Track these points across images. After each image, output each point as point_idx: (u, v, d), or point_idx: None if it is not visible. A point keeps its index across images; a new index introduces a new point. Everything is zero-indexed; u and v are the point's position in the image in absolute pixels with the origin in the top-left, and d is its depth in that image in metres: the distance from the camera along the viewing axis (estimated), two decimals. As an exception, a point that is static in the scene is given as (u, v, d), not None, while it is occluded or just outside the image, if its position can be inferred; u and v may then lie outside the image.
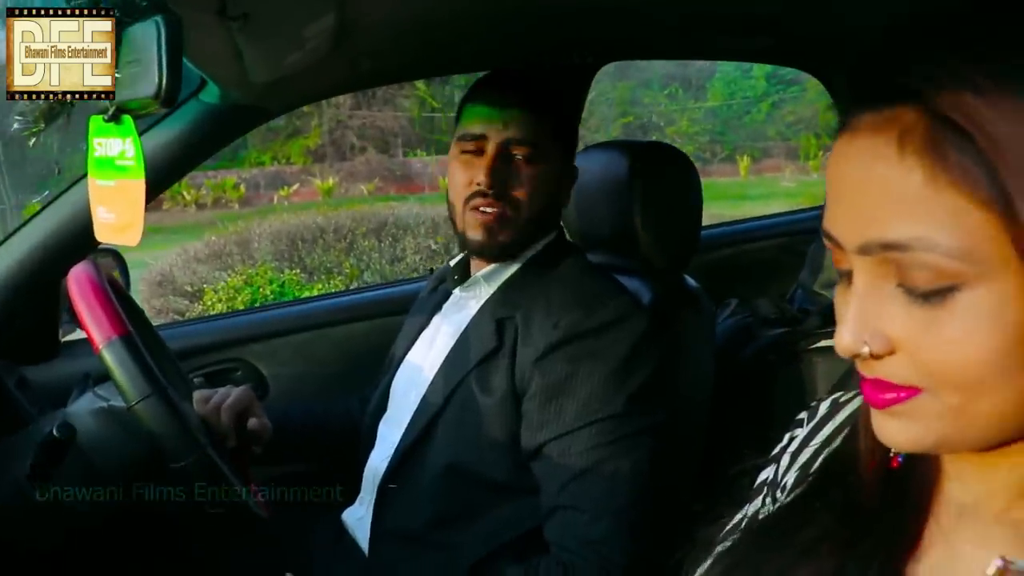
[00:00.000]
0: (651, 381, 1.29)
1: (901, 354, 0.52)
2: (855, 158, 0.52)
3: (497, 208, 1.34)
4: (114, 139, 0.87)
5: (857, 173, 0.52)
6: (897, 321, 0.52)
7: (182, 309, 6.75)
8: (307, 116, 17.54)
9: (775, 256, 2.46)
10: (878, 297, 0.53)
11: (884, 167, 0.50)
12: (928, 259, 0.49)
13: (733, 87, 21.65)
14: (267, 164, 18.13)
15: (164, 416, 1.12)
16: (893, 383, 0.53)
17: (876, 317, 0.53)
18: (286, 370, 1.91)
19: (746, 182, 17.96)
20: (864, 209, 0.51)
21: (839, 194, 0.53)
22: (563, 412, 1.26)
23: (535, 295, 1.35)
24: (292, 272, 7.25)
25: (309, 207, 11.34)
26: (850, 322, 0.53)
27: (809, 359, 1.61)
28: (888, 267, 0.52)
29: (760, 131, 21.46)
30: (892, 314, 0.52)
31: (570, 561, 1.21)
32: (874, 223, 0.51)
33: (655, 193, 1.51)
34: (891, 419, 0.55)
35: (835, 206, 0.54)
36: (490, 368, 1.33)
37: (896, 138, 0.50)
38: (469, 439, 1.33)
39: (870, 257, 0.52)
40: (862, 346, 0.53)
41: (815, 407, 0.77)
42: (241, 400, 1.37)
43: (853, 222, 0.52)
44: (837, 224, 0.54)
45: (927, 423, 0.53)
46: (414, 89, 18.27)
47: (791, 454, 0.75)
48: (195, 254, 7.54)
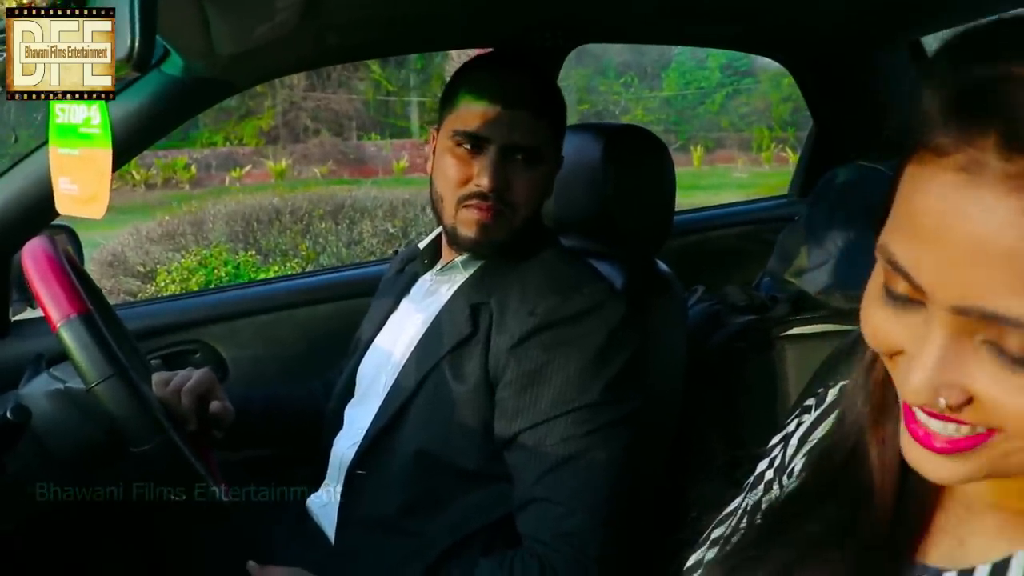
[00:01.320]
0: (627, 369, 1.28)
1: (977, 405, 0.48)
2: (974, 210, 0.45)
3: (495, 209, 1.30)
4: (78, 105, 0.83)
5: (973, 229, 0.45)
6: (980, 377, 0.47)
7: (134, 290, 6.62)
8: (260, 97, 17.29)
9: (740, 244, 2.47)
10: (960, 349, 0.48)
11: (1015, 236, 0.43)
12: None
13: (688, 77, 21.77)
14: (219, 145, 17.84)
15: (125, 398, 1.08)
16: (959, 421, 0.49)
17: (956, 369, 0.48)
18: (246, 352, 1.86)
19: (699, 172, 18.07)
20: (973, 272, 0.45)
21: (936, 239, 0.46)
22: (538, 401, 1.24)
23: (511, 281, 1.33)
24: (247, 254, 7.15)
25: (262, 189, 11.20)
26: (928, 372, 0.48)
27: (780, 346, 1.61)
28: (980, 327, 0.47)
29: (714, 122, 21.62)
30: (975, 369, 0.47)
31: (544, 554, 1.19)
32: (983, 290, 0.45)
33: (629, 177, 1.49)
34: (944, 461, 0.51)
35: (926, 250, 0.47)
36: (464, 354, 1.31)
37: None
38: (440, 426, 1.30)
39: (964, 318, 0.47)
40: (937, 398, 0.48)
41: (822, 394, 0.76)
42: (202, 383, 1.33)
43: (952, 279, 0.46)
44: (925, 270, 0.47)
45: (986, 461, 0.50)
46: (369, 72, 18.12)
47: (799, 439, 0.74)
48: (148, 234, 7.39)
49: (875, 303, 0.53)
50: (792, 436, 0.75)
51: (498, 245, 1.33)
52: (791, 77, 2.43)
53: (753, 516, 0.74)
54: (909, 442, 0.53)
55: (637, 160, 1.52)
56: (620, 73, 21.69)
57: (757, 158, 19.32)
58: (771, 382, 1.60)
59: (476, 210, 1.30)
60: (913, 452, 0.53)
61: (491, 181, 1.28)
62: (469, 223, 1.31)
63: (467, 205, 1.31)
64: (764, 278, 1.89)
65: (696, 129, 21.52)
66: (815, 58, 2.30)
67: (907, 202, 0.49)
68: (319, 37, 1.46)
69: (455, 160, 1.31)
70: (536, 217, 1.39)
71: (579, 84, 20.39)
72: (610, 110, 20.92)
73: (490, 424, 1.28)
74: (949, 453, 0.50)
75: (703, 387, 1.67)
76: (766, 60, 2.36)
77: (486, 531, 1.29)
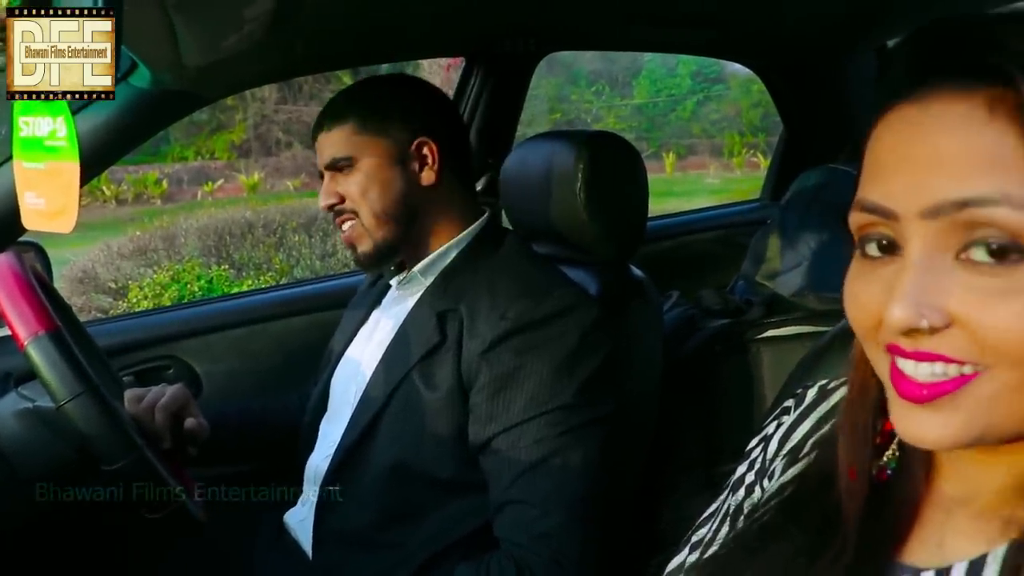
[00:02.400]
0: (600, 371, 1.28)
1: (957, 328, 0.50)
2: (929, 123, 0.51)
3: (346, 223, 1.36)
4: (43, 118, 0.81)
5: (931, 137, 0.50)
6: (958, 294, 0.50)
7: (106, 307, 6.54)
8: (231, 110, 17.19)
9: (713, 248, 2.48)
10: (936, 268, 0.50)
11: (970, 130, 0.49)
12: (1009, 217, 0.48)
13: (659, 85, 21.86)
14: (190, 159, 17.69)
15: (96, 416, 1.06)
16: (945, 356, 0.50)
17: (934, 289, 0.50)
18: (221, 367, 1.84)
19: (672, 179, 18.13)
20: (938, 171, 0.50)
21: (902, 161, 0.52)
22: (512, 404, 1.23)
23: (478, 283, 1.32)
24: (220, 268, 7.08)
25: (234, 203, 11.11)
26: (909, 293, 0.50)
27: (756, 349, 1.61)
28: (952, 234, 0.50)
29: (685, 128, 21.71)
30: (952, 287, 0.50)
31: (521, 555, 1.18)
32: (949, 182, 0.49)
33: (602, 183, 1.49)
34: (932, 415, 0.52)
35: (894, 174, 0.52)
36: (434, 363, 1.30)
37: (985, 104, 0.49)
38: (413, 436, 1.29)
39: (935, 221, 0.50)
40: (921, 319, 0.50)
41: (802, 394, 0.76)
42: (176, 399, 1.31)
43: (920, 186, 0.50)
44: (894, 192, 0.52)
45: (973, 413, 0.51)
46: (340, 84, 18.06)
47: (779, 440, 0.74)
48: (119, 250, 7.29)
49: (855, 271, 0.56)
50: (772, 438, 0.75)
51: (373, 256, 1.36)
52: (761, 83, 2.45)
53: (735, 519, 0.74)
54: (898, 406, 0.54)
55: (610, 167, 1.52)
56: (591, 81, 21.75)
57: (729, 164, 19.43)
58: (747, 384, 1.61)
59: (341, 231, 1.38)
60: (905, 417, 0.53)
61: (321, 201, 1.38)
62: (345, 246, 1.39)
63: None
64: (739, 282, 1.90)
65: (668, 136, 21.60)
66: (785, 63, 2.32)
67: (872, 152, 0.55)
68: (289, 47, 1.45)
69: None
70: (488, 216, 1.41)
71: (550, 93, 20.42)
72: (582, 118, 20.96)
73: (464, 431, 1.27)
74: (934, 398, 0.51)
75: (680, 391, 1.67)
76: (736, 66, 2.38)
77: (464, 541, 1.29)
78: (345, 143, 1.33)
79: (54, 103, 0.81)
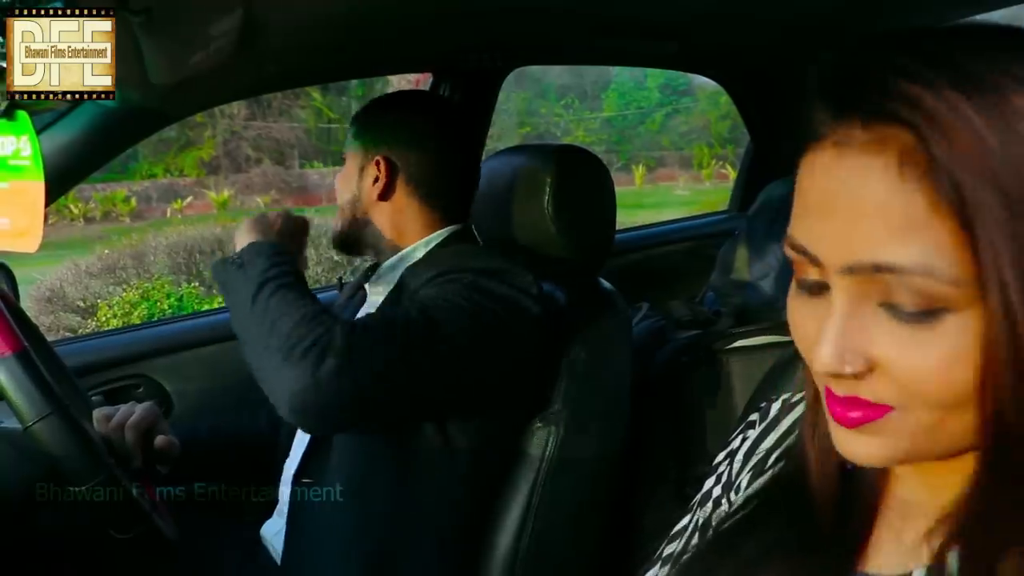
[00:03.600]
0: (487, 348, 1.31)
1: (879, 372, 0.51)
2: (846, 175, 0.50)
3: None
4: (7, 136, 0.81)
5: (849, 191, 0.50)
6: (880, 340, 0.50)
7: (74, 326, 6.46)
8: (200, 127, 17.09)
9: (682, 260, 2.50)
10: (860, 315, 0.51)
11: (883, 189, 0.48)
12: (923, 284, 0.48)
13: (628, 98, 22.00)
14: (159, 176, 17.57)
15: (65, 436, 1.05)
16: (867, 401, 0.52)
17: (858, 335, 0.51)
18: (191, 385, 1.83)
19: (642, 191, 18.24)
20: (855, 229, 0.49)
21: (823, 210, 0.51)
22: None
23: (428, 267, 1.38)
24: (191, 285, 7.03)
25: (204, 220, 11.05)
26: (832, 341, 0.51)
27: (725, 359, 1.63)
28: (873, 286, 0.50)
29: (654, 141, 21.85)
30: (874, 333, 0.51)
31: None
32: (866, 244, 0.49)
33: (569, 196, 1.50)
34: (859, 436, 0.54)
35: (816, 222, 0.52)
36: None
37: (896, 161, 0.48)
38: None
39: (856, 276, 0.50)
40: (844, 366, 0.51)
41: (766, 408, 0.77)
42: (146, 418, 1.31)
43: (840, 240, 0.50)
44: (818, 240, 0.52)
45: (897, 439, 0.53)
46: (310, 99, 18.01)
47: (744, 454, 0.75)
48: (87, 268, 7.22)
49: (792, 301, 0.57)
50: (738, 452, 0.76)
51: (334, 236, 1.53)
52: (728, 95, 2.48)
53: (704, 533, 0.74)
54: (834, 426, 0.55)
55: (577, 180, 1.53)
56: (560, 95, 21.86)
57: (698, 175, 19.57)
58: (717, 395, 1.62)
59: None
60: (838, 435, 0.55)
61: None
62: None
63: None
64: (708, 293, 1.91)
65: (637, 148, 21.73)
66: (749, 75, 2.35)
67: (799, 189, 0.54)
68: (257, 64, 1.45)
69: None
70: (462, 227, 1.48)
71: (520, 107, 20.50)
72: (552, 132, 21.04)
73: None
74: (859, 424, 0.53)
75: (651, 403, 1.68)
76: (704, 79, 2.41)
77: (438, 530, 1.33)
78: (346, 143, 1.50)
79: (19, 122, 0.81)
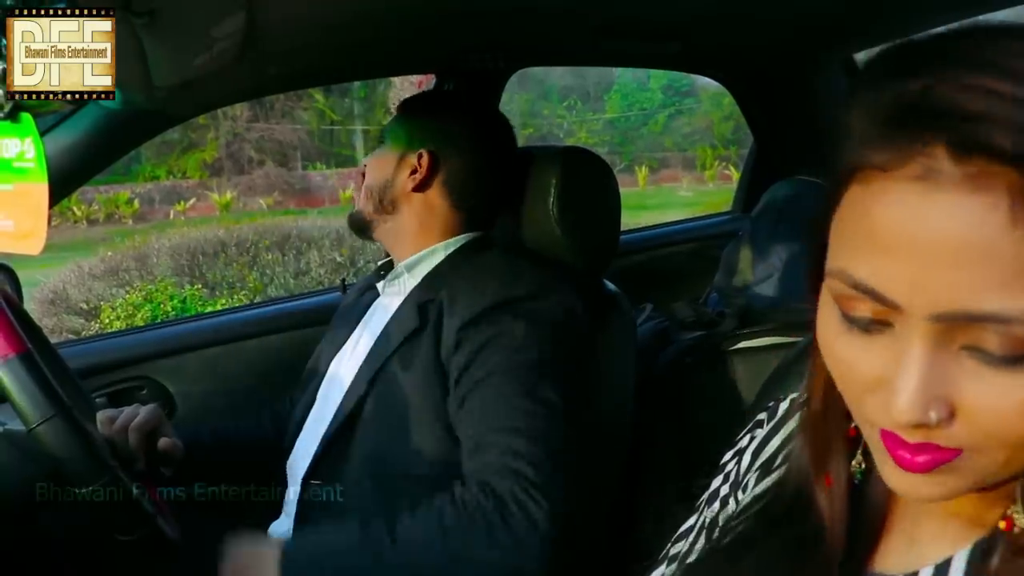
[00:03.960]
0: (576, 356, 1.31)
1: (959, 417, 0.48)
2: (939, 215, 0.45)
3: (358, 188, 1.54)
4: (11, 139, 0.81)
5: (944, 234, 0.45)
6: (965, 385, 0.47)
7: (78, 328, 6.47)
8: (203, 129, 17.14)
9: (686, 261, 2.49)
10: (942, 360, 0.47)
11: (989, 233, 0.44)
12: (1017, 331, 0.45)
13: (630, 99, 22.03)
14: (162, 178, 17.62)
15: (69, 438, 1.05)
16: (936, 444, 0.49)
17: (940, 382, 0.47)
18: (194, 387, 1.83)
19: (645, 192, 18.26)
20: (955, 276, 0.45)
21: (906, 251, 0.46)
22: (488, 361, 1.26)
23: (462, 275, 1.37)
24: (194, 287, 7.04)
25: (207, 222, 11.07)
26: (916, 390, 0.47)
27: (730, 360, 1.62)
28: (960, 331, 0.47)
29: (657, 142, 21.88)
30: (959, 379, 0.47)
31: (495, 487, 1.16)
32: (968, 293, 0.45)
33: (574, 198, 1.50)
34: (927, 478, 0.51)
35: (895, 263, 0.47)
36: (413, 347, 1.33)
37: (1006, 203, 0.43)
38: (392, 424, 1.31)
39: (944, 324, 0.46)
40: (929, 415, 0.47)
41: (774, 407, 0.76)
42: (149, 420, 1.31)
43: (931, 287, 0.46)
44: (897, 284, 0.47)
45: (964, 479, 0.50)
46: (313, 101, 18.04)
47: (752, 453, 0.75)
48: (90, 270, 7.24)
49: (837, 338, 0.52)
50: (745, 451, 0.76)
51: (352, 217, 1.53)
52: (731, 96, 2.48)
53: (711, 532, 0.74)
54: (892, 469, 0.52)
55: (582, 181, 1.53)
56: (563, 97, 21.90)
57: (701, 176, 19.60)
58: (722, 396, 1.62)
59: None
60: (896, 477, 0.52)
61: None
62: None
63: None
64: (712, 293, 1.91)
65: (640, 150, 21.76)
66: (752, 76, 2.34)
67: (862, 221, 0.48)
68: (259, 66, 1.45)
69: None
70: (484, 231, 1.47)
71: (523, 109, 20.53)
72: (554, 133, 21.08)
73: (441, 412, 1.28)
74: (928, 469, 0.50)
75: (655, 404, 1.68)
76: (707, 80, 2.40)
77: None
78: (390, 127, 1.52)
79: (23, 124, 0.81)
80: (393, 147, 1.48)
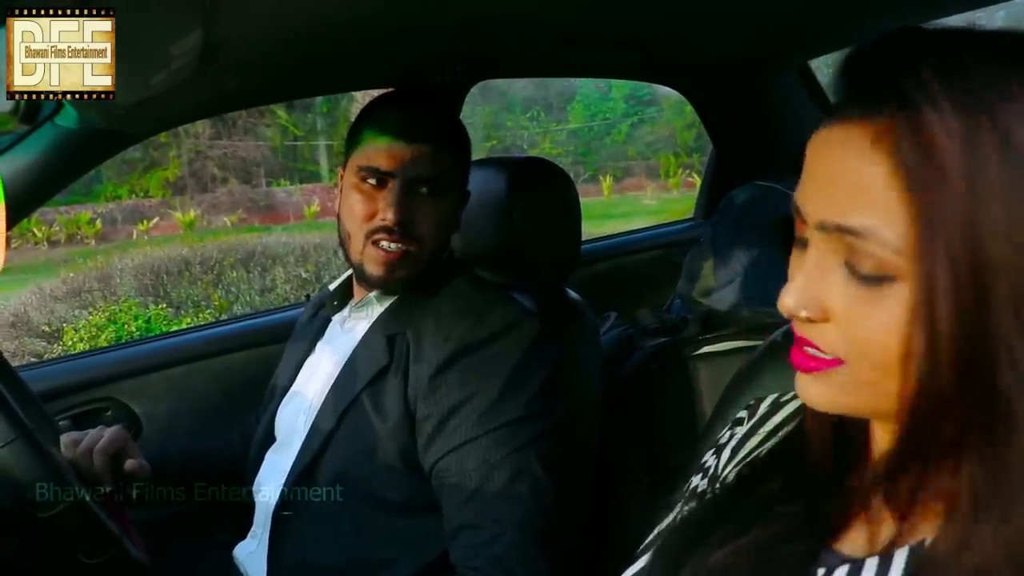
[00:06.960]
0: (545, 386, 1.29)
1: (833, 324, 0.58)
2: (833, 145, 0.57)
3: (401, 245, 1.31)
4: (-34, 161, 0.81)
5: (832, 158, 0.57)
6: (836, 294, 0.58)
7: (40, 351, 6.38)
8: (165, 147, 16.95)
9: (649, 268, 2.51)
10: (825, 269, 0.58)
11: (855, 158, 0.55)
12: (875, 249, 0.55)
13: (593, 109, 22.09)
14: (124, 198, 17.39)
15: (31, 461, 1.04)
16: (821, 350, 0.59)
17: (819, 286, 0.59)
18: (160, 406, 1.81)
19: (609, 201, 18.31)
20: (831, 191, 0.57)
21: (814, 173, 0.59)
22: (459, 427, 1.24)
23: (426, 310, 1.34)
24: (158, 307, 6.98)
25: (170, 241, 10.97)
26: (796, 287, 0.60)
27: (693, 366, 1.64)
28: (839, 246, 0.57)
29: (621, 151, 21.94)
30: (833, 287, 0.58)
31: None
32: (836, 206, 0.57)
33: (534, 208, 1.51)
34: (813, 382, 0.61)
35: (808, 182, 0.60)
36: (383, 387, 1.30)
37: (871, 135, 0.55)
38: (362, 459, 1.29)
39: (826, 234, 0.58)
40: (801, 310, 0.59)
41: (755, 405, 0.80)
42: (114, 441, 1.29)
43: (819, 200, 0.58)
44: (806, 198, 0.60)
45: (840, 390, 0.60)
46: (275, 117, 17.94)
47: (732, 449, 0.77)
48: (52, 292, 7.16)
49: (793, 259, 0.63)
50: (725, 447, 0.78)
51: (405, 281, 1.34)
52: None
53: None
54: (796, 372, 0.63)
55: (541, 191, 1.55)
56: (526, 108, 21.91)
57: (665, 184, 19.68)
58: (686, 400, 1.63)
59: (382, 248, 1.31)
60: (797, 379, 0.63)
61: (396, 214, 1.28)
62: (377, 262, 1.31)
63: (375, 241, 1.31)
64: (675, 300, 1.93)
65: (604, 159, 21.82)
66: (710, 84, 2.37)
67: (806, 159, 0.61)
68: (219, 83, 1.44)
69: (361, 196, 1.32)
70: (444, 250, 1.40)
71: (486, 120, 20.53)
72: (518, 145, 21.10)
73: (412, 456, 1.27)
74: (811, 371, 0.61)
75: (621, 411, 1.69)
76: (668, 89, 2.42)
77: (423, 570, 1.28)
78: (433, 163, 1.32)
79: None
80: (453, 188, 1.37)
